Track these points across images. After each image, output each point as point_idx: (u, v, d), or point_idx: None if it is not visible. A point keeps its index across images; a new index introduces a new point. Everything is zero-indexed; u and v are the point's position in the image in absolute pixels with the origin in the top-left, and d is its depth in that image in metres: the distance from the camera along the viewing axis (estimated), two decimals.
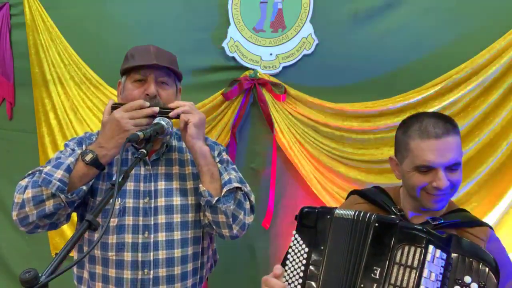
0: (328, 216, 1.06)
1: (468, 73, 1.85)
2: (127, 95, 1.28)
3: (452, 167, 1.04)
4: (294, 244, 1.07)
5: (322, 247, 1.03)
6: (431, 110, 1.88)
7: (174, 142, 1.39)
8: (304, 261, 1.04)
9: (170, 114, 1.22)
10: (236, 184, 1.26)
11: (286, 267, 1.06)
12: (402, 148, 1.11)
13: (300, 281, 1.03)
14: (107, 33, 2.31)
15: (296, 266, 1.05)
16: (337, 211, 1.06)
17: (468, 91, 1.85)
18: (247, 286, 2.22)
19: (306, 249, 1.05)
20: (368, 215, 1.02)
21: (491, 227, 1.12)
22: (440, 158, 1.02)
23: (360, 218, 1.01)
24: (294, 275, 1.04)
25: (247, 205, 1.29)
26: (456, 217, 1.12)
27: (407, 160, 1.09)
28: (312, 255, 1.04)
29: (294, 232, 1.08)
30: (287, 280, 1.04)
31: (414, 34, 1.94)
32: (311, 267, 1.03)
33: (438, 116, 1.09)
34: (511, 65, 1.82)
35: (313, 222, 1.06)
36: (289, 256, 1.07)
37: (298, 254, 1.05)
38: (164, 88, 1.30)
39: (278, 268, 1.05)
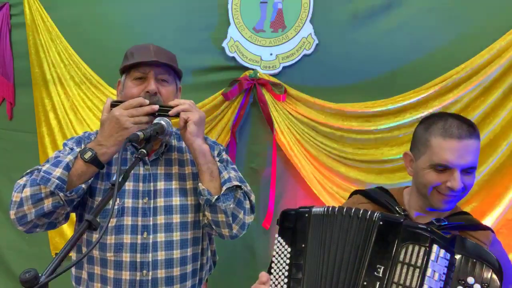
0: (306, 215, 1.06)
1: (468, 73, 1.85)
2: (127, 93, 1.27)
3: (468, 170, 1.05)
4: (278, 247, 1.07)
5: (303, 245, 1.04)
6: (431, 110, 1.88)
7: (174, 142, 1.38)
8: (288, 261, 1.04)
9: (170, 112, 1.21)
10: (236, 183, 1.25)
11: (272, 270, 1.06)
12: (421, 144, 1.11)
13: (286, 280, 1.03)
14: (107, 33, 2.31)
15: (281, 267, 1.05)
16: (314, 209, 1.07)
17: (468, 91, 1.85)
18: (247, 286, 2.21)
19: (289, 249, 1.05)
20: (373, 213, 1.02)
21: (493, 231, 1.12)
22: (459, 159, 1.03)
23: (367, 216, 1.01)
24: (280, 276, 1.04)
25: (247, 204, 1.28)
26: (460, 219, 1.12)
27: (425, 157, 1.08)
28: (295, 254, 1.04)
29: (276, 235, 1.09)
30: (273, 282, 1.04)
31: (414, 34, 1.94)
32: (294, 266, 1.03)
33: (462, 118, 1.09)
34: (511, 65, 1.81)
35: (292, 222, 1.07)
36: (273, 259, 1.07)
37: (282, 255, 1.06)
38: (164, 85, 1.29)
39: (263, 276, 1.05)
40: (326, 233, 1.04)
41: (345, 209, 1.04)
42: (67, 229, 2.39)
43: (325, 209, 1.06)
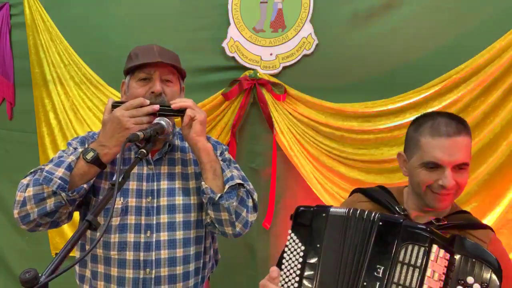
0: (324, 214, 1.06)
1: (468, 73, 1.84)
2: (132, 93, 1.28)
3: (460, 167, 1.06)
4: (290, 243, 1.07)
5: (318, 245, 1.04)
6: (431, 110, 1.88)
7: (177, 142, 1.39)
8: (300, 259, 1.04)
9: (173, 106, 1.22)
10: (239, 181, 1.26)
11: (283, 266, 1.06)
12: (412, 145, 1.12)
13: (297, 279, 1.03)
14: (107, 33, 2.31)
15: (292, 265, 1.05)
16: (332, 209, 1.07)
17: (468, 91, 1.85)
18: (247, 286, 2.22)
19: (302, 248, 1.05)
20: (372, 214, 1.02)
21: (493, 230, 1.12)
22: (448, 157, 1.04)
23: (364, 217, 1.01)
24: (291, 274, 1.04)
25: (249, 202, 1.29)
26: (459, 218, 1.13)
27: (416, 157, 1.10)
28: (309, 254, 1.04)
29: (290, 231, 1.08)
30: (283, 279, 1.04)
31: (414, 34, 1.94)
32: (307, 265, 1.03)
33: (451, 116, 1.10)
34: (511, 65, 1.81)
35: (308, 220, 1.07)
36: (285, 255, 1.07)
37: (295, 253, 1.05)
38: (168, 86, 1.30)
39: (274, 271, 1.05)
40: (341, 234, 1.03)
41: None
42: (68, 229, 2.39)
43: (346, 211, 1.05)
